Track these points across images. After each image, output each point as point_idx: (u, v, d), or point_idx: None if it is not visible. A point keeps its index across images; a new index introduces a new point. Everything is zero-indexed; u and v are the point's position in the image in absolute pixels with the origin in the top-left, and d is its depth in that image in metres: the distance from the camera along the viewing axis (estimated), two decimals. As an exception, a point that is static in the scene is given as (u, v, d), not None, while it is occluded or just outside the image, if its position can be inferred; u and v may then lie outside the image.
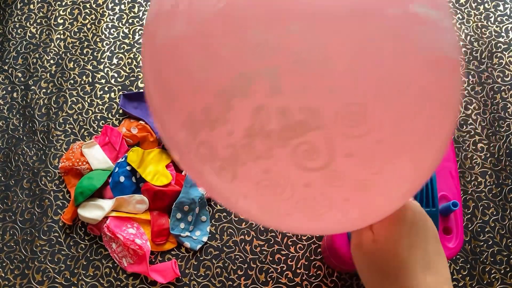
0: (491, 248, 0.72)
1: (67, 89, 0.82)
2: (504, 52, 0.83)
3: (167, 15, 0.31)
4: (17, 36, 0.86)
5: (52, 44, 0.85)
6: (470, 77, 0.81)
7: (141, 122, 0.78)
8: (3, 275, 0.72)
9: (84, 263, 0.72)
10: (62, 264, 0.72)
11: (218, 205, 0.75)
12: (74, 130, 0.79)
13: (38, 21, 0.86)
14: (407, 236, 0.39)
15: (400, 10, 0.29)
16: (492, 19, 0.85)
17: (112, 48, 0.84)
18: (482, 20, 0.85)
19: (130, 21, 0.86)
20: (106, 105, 0.81)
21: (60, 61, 0.84)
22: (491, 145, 0.77)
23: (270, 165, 0.30)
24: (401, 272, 0.39)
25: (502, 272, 0.71)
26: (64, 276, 0.72)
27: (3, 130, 0.80)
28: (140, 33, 0.85)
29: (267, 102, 0.28)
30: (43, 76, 0.83)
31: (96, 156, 0.75)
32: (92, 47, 0.84)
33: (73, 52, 0.84)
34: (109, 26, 0.86)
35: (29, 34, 0.86)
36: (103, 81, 0.82)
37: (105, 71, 0.83)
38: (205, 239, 0.73)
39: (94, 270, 0.72)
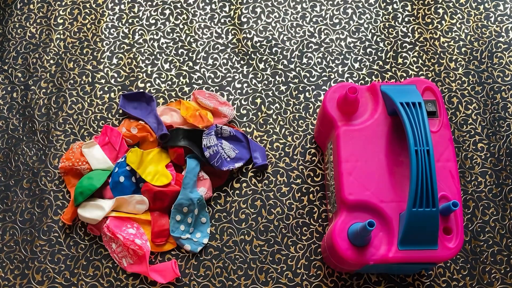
0: (491, 248, 0.72)
1: (67, 89, 0.82)
2: (504, 52, 0.83)
3: None
4: (17, 36, 0.85)
5: (52, 44, 0.85)
6: (470, 77, 0.81)
7: (140, 122, 0.77)
8: (3, 275, 0.72)
9: (84, 263, 0.72)
10: (62, 264, 0.72)
11: (217, 205, 0.75)
12: (74, 130, 0.79)
13: (38, 21, 0.86)
14: None
15: None
16: (492, 19, 0.85)
17: (112, 48, 0.84)
18: (482, 19, 0.85)
19: (130, 21, 0.86)
20: (106, 105, 0.81)
21: (60, 61, 0.84)
22: (491, 145, 0.77)
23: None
24: None
25: (502, 272, 0.71)
26: (64, 276, 0.72)
27: (3, 130, 0.80)
28: (140, 32, 0.85)
29: None
30: (43, 76, 0.83)
31: (96, 156, 0.74)
32: (92, 47, 0.84)
33: (73, 52, 0.84)
34: (109, 26, 0.86)
35: (29, 34, 0.86)
36: (103, 81, 0.82)
37: (105, 71, 0.83)
38: (205, 241, 0.73)
39: (94, 270, 0.72)
